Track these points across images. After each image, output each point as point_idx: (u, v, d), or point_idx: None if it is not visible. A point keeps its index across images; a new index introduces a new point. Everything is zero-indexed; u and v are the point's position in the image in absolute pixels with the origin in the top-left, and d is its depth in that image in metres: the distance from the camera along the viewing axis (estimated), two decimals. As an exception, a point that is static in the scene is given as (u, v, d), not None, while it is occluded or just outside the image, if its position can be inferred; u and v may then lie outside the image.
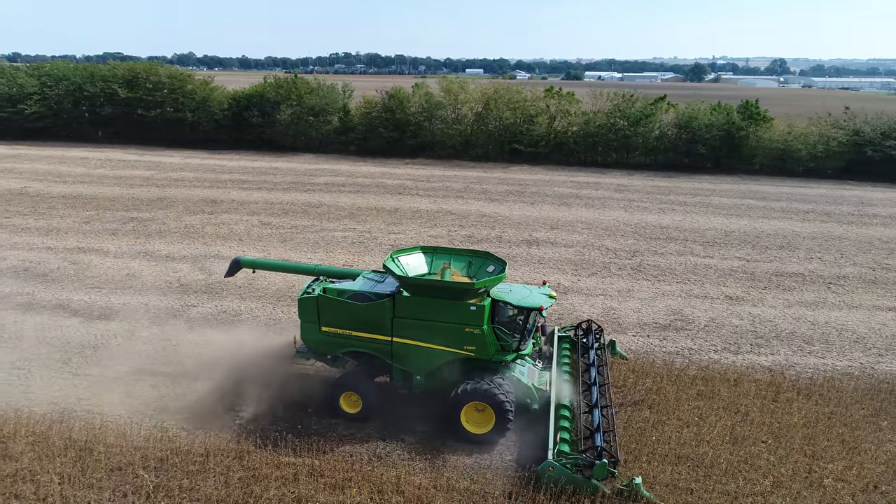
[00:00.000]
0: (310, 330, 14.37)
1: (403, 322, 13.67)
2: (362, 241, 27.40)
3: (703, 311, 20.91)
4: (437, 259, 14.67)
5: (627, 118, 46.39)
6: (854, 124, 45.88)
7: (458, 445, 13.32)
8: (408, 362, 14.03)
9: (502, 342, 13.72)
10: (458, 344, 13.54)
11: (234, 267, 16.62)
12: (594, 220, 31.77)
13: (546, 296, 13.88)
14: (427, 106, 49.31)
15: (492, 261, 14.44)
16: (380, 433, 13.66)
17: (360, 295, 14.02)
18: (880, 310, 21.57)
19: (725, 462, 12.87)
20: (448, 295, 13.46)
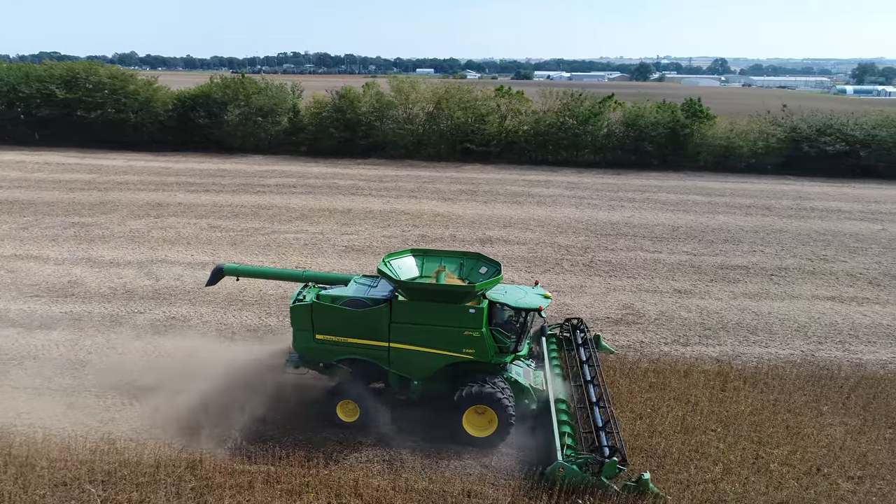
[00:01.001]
0: (303, 338, 13.90)
1: (401, 327, 13.39)
2: (315, 242, 27.07)
3: (654, 305, 21.38)
4: (428, 262, 14.47)
5: (576, 117, 47.11)
6: (791, 122, 47.66)
7: (416, 446, 13.28)
8: (405, 368, 13.80)
9: (500, 344, 13.61)
10: (457, 347, 13.35)
11: (217, 275, 15.94)
12: (546, 217, 32.15)
13: (541, 296, 13.87)
14: (378, 106, 49.07)
15: (484, 262, 14.33)
16: (372, 440, 13.44)
17: (356, 301, 13.68)
18: (819, 299, 22.46)
19: (677, 451, 13.18)
20: (447, 298, 13.30)
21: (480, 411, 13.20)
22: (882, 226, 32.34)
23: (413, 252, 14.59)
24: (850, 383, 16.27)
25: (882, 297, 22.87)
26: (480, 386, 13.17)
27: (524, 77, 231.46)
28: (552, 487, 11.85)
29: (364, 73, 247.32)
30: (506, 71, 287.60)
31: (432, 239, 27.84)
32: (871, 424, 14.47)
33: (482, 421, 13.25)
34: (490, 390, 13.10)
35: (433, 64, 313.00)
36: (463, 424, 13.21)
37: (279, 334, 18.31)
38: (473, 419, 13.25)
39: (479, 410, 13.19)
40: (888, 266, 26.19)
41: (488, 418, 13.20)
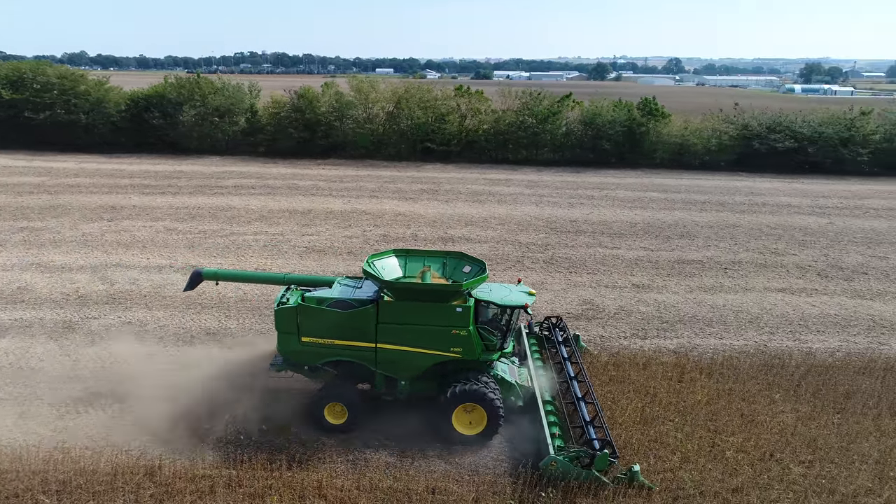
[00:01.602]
0: (288, 341, 13.69)
1: (388, 327, 13.31)
2: (275, 243, 26.77)
3: (613, 300, 21.75)
4: (411, 262, 14.42)
5: (536, 116, 47.57)
6: (743, 119, 48.99)
7: (381, 444, 13.27)
8: (392, 368, 13.74)
9: (486, 342, 13.67)
10: (445, 346, 13.33)
11: (195, 280, 15.45)
12: (507, 215, 32.40)
13: (525, 293, 13.96)
14: (338, 105, 48.71)
15: (467, 261, 14.35)
16: (336, 440, 13.34)
17: (342, 302, 13.55)
18: (771, 291, 23.16)
19: (637, 442, 13.46)
20: (434, 297, 13.30)
21: (469, 409, 13.25)
22: (829, 219, 33.49)
23: (395, 252, 14.55)
24: (800, 371, 16.83)
25: (829, 288, 23.70)
26: (469, 384, 13.22)
27: (484, 77, 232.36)
28: (516, 481, 12.00)
29: (323, 72, 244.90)
30: (465, 71, 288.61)
31: (394, 239, 27.80)
32: (820, 410, 15.00)
33: (471, 419, 13.30)
34: (479, 388, 13.16)
35: (393, 63, 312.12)
36: (452, 423, 13.24)
37: (238, 337, 18.10)
38: (462, 417, 13.29)
39: (468, 408, 13.24)
40: (835, 258, 27.14)
41: (477, 416, 13.26)
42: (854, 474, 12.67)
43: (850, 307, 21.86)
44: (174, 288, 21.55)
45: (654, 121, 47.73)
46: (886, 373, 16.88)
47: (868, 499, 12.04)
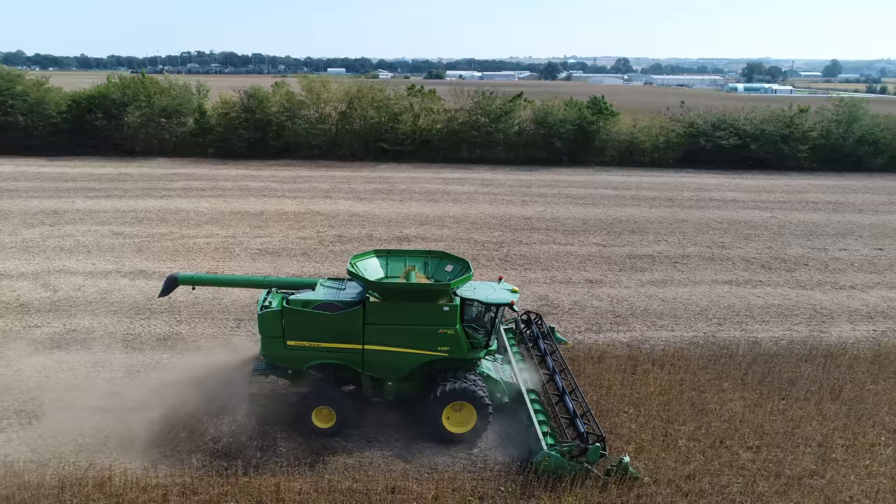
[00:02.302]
0: (273, 345, 13.42)
1: (375, 328, 13.20)
2: (227, 246, 26.27)
3: (567, 296, 22.07)
4: (392, 262, 14.32)
5: (488, 115, 47.90)
6: (689, 118, 50.33)
7: (339, 446, 13.18)
8: (380, 369, 13.62)
9: (472, 340, 13.66)
10: (432, 346, 13.31)
11: (170, 285, 14.90)
12: (462, 214, 32.53)
13: (509, 291, 14.02)
14: (289, 105, 48.12)
15: (449, 260, 14.31)
16: (294, 443, 13.15)
17: (328, 304, 13.33)
18: (718, 283, 23.86)
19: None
20: (422, 297, 13.24)
21: (457, 408, 13.25)
22: (772, 213, 34.69)
23: (377, 253, 14.49)
24: (747, 360, 17.40)
25: (773, 279, 24.55)
26: (457, 382, 13.20)
27: (436, 76, 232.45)
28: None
29: (273, 72, 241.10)
30: (418, 70, 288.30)
31: (349, 239, 27.61)
32: (766, 397, 15.54)
33: (460, 417, 13.30)
34: (467, 386, 13.16)
35: (345, 63, 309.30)
36: (442, 422, 13.21)
37: (191, 342, 17.71)
38: (451, 416, 13.28)
39: (457, 407, 13.24)
40: (778, 251, 28.14)
41: (466, 414, 13.27)
42: (799, 457, 13.17)
43: (792, 297, 22.70)
44: (122, 293, 20.95)
45: (604, 119, 48.63)
46: (827, 359, 17.59)
47: (812, 480, 12.52)
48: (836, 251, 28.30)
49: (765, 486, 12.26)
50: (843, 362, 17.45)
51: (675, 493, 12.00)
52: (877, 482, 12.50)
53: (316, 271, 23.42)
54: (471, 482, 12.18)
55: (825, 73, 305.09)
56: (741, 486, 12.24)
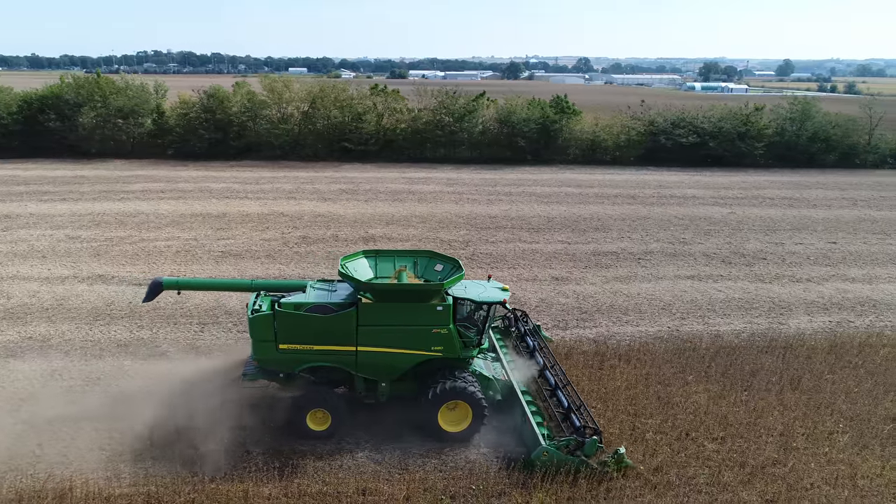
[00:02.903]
0: (265, 349, 13.20)
1: (369, 330, 13.09)
2: (189, 249, 25.76)
3: (534, 293, 22.22)
4: (381, 262, 14.24)
5: (452, 114, 47.93)
6: (649, 116, 51.16)
7: (308, 449, 13.02)
8: (373, 370, 13.53)
9: (465, 339, 13.64)
10: (426, 345, 13.28)
11: (155, 290, 14.43)
12: (427, 213, 32.49)
13: (499, 289, 14.06)
14: (250, 106, 47.42)
15: (439, 259, 14.28)
16: (262, 448, 12.89)
17: (321, 307, 13.15)
18: (680, 279, 24.30)
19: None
20: (416, 297, 13.18)
21: (452, 407, 13.26)
22: (730, 209, 35.48)
23: (365, 253, 14.42)
24: (710, 353, 17.76)
25: (733, 273, 25.11)
26: (452, 381, 13.20)
27: (399, 76, 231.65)
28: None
29: (233, 72, 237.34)
30: (381, 70, 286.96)
31: (314, 240, 27.34)
32: (729, 389, 15.88)
33: (455, 416, 13.33)
34: (462, 385, 13.18)
35: (306, 63, 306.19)
36: (438, 421, 13.20)
37: (152, 347, 17.32)
38: (446, 415, 13.28)
39: (451, 406, 13.24)
40: (737, 245, 28.79)
41: (461, 413, 13.30)
42: (762, 447, 13.48)
43: (752, 291, 23.24)
44: (79, 299, 20.38)
45: (567, 118, 49.14)
46: (786, 350, 18.07)
47: (775, 469, 12.84)
48: (792, 245, 29.09)
49: (730, 476, 12.52)
50: (801, 353, 17.94)
51: (643, 485, 12.18)
52: (836, 469, 12.87)
53: (281, 273, 23.13)
54: (442, 481, 12.17)
55: (778, 73, 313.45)
56: (707, 477, 12.47)
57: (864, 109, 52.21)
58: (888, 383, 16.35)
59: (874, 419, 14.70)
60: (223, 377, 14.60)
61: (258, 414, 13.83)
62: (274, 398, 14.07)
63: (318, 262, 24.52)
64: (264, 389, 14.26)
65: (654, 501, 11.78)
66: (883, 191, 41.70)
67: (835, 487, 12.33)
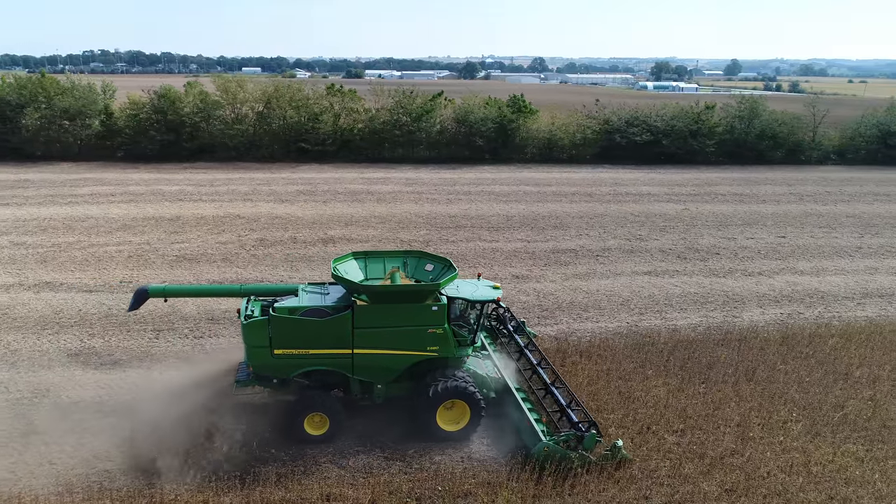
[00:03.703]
0: (259, 355, 12.94)
1: (365, 332, 13.00)
2: (141, 253, 25.05)
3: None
4: (371, 263, 14.14)
5: (410, 114, 47.76)
6: (604, 115, 51.87)
7: (270, 456, 12.77)
8: (370, 372, 13.42)
9: (459, 338, 13.63)
10: (422, 346, 13.26)
11: (140, 298, 13.88)
12: (387, 214, 32.31)
13: (491, 287, 14.15)
14: (203, 106, 46.37)
15: (428, 259, 14.26)
16: (222, 455, 12.58)
17: (316, 310, 12.97)
18: (638, 274, 24.71)
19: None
20: (412, 298, 13.11)
21: (449, 406, 13.26)
22: (684, 206, 36.25)
23: (354, 255, 14.31)
24: (668, 347, 18.09)
25: (688, 268, 25.65)
26: (450, 381, 13.18)
27: (355, 76, 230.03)
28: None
29: (184, 72, 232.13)
30: (336, 70, 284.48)
31: (272, 242, 26.90)
32: (687, 382, 16.20)
33: (451, 416, 13.36)
34: (460, 384, 13.19)
35: (260, 63, 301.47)
36: (437, 421, 13.21)
37: (105, 356, 16.77)
38: (443, 415, 13.27)
39: (448, 405, 13.23)
40: (691, 241, 29.43)
41: (458, 412, 13.35)
42: (720, 438, 13.79)
43: (706, 285, 23.78)
44: (26, 308, 19.60)
45: (524, 117, 49.49)
46: (741, 343, 18.53)
47: (733, 458, 13.14)
48: (743, 240, 29.88)
49: (690, 468, 12.76)
50: (755, 345, 18.43)
51: (606, 479, 12.31)
52: (790, 457, 13.24)
53: (239, 277, 22.68)
54: (407, 484, 12.09)
55: (726, 72, 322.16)
56: (669, 469, 12.69)
57: (808, 108, 53.99)
58: (837, 372, 16.92)
59: (825, 407, 15.18)
60: (182, 385, 14.24)
61: (219, 421, 13.49)
62: (242, 406, 13.76)
63: (277, 265, 24.13)
64: (226, 397, 13.93)
65: (618, 495, 11.92)
66: (828, 186, 43.21)
67: (790, 475, 12.68)
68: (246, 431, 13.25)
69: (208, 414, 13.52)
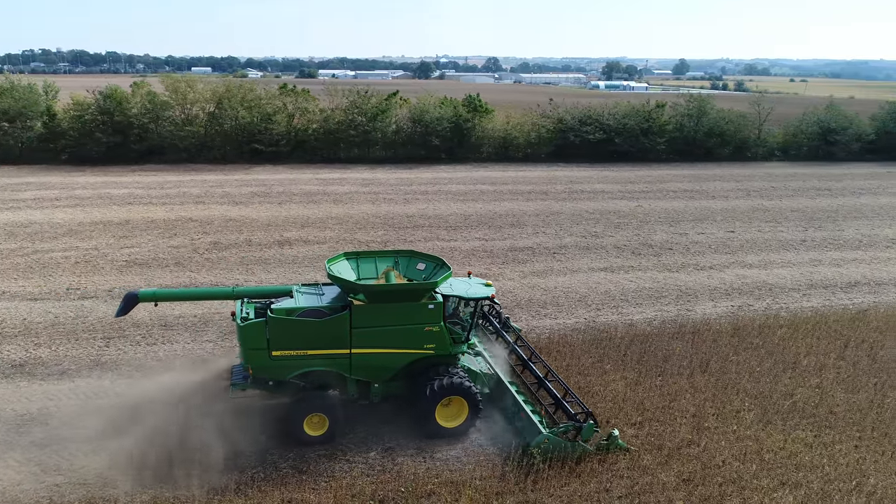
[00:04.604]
0: (257, 357, 12.75)
1: (363, 332, 13.03)
2: (89, 259, 24.24)
3: (454, 291, 22.27)
4: (363, 263, 14.12)
5: (365, 114, 47.47)
6: (557, 114, 52.52)
7: (227, 464, 12.48)
8: (367, 372, 13.48)
9: (454, 335, 13.69)
10: (419, 344, 13.38)
11: (129, 303, 13.40)
12: (344, 215, 32.03)
13: (482, 285, 14.28)
14: (151, 107, 45.19)
15: (420, 258, 14.31)
16: None
17: (313, 311, 12.86)
18: (594, 271, 25.08)
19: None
20: (409, 297, 13.24)
21: (446, 403, 13.31)
22: (637, 203, 36.97)
23: (346, 255, 14.33)
24: (625, 342, 18.40)
25: (643, 264, 26.16)
26: (448, 378, 13.24)
27: (309, 75, 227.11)
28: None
29: (131, 72, 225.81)
30: (289, 69, 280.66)
31: (226, 245, 26.37)
32: (644, 375, 16.51)
33: (449, 412, 13.48)
34: (459, 381, 13.29)
35: (210, 62, 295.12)
36: (436, 418, 13.31)
37: (52, 366, 16.17)
38: (441, 412, 13.33)
39: (445, 403, 13.29)
40: (645, 237, 30.02)
41: (455, 409, 13.47)
42: (677, 429, 14.09)
43: (660, 280, 24.29)
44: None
45: (479, 117, 49.73)
46: (694, 335, 18.98)
47: (689, 449, 13.44)
48: (695, 235, 30.64)
49: (648, 459, 13.00)
50: (708, 337, 18.89)
51: (568, 474, 12.44)
52: (744, 445, 13.62)
53: (192, 281, 22.17)
54: (370, 486, 12.00)
55: (675, 71, 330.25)
56: (628, 462, 12.89)
57: (753, 106, 55.73)
58: (786, 361, 17.49)
59: (775, 395, 15.67)
60: (123, 394, 13.95)
61: (173, 430, 13.15)
62: (202, 412, 13.43)
63: (232, 269, 23.66)
64: (177, 404, 13.58)
65: (580, 489, 12.06)
66: (773, 181, 44.67)
67: (744, 462, 13.04)
68: (204, 438, 12.91)
69: (160, 422, 13.17)
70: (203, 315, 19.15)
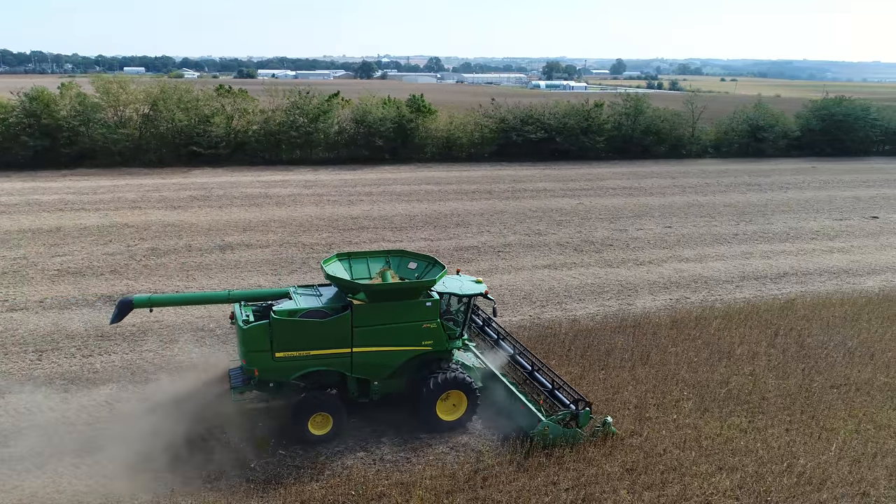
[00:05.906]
0: (260, 359, 12.88)
1: (363, 331, 13.24)
2: (17, 269, 23.20)
3: (400, 292, 22.30)
4: (355, 264, 14.27)
5: (306, 115, 46.94)
6: (500, 114, 53.12)
7: (170, 475, 12.20)
8: (367, 370, 13.66)
9: (449, 332, 14.08)
10: (417, 341, 13.65)
11: (124, 309, 13.09)
12: (287, 217, 31.60)
13: (473, 282, 14.62)
14: (81, 109, 43.49)
15: (411, 257, 14.54)
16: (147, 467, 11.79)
17: (315, 311, 12.90)
18: (538, 268, 25.51)
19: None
20: (408, 295, 13.50)
21: (444, 397, 13.70)
22: (579, 200, 37.76)
23: (339, 256, 14.51)
24: (569, 337, 18.80)
25: (585, 260, 26.76)
26: (447, 373, 13.66)
27: (247, 76, 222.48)
28: None
29: (59, 72, 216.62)
30: (227, 69, 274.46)
31: (165, 251, 25.66)
32: (588, 369, 16.91)
33: (447, 406, 13.81)
34: (458, 375, 13.60)
35: (143, 62, 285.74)
36: (437, 412, 13.64)
37: (12, 377, 15.46)
38: (439, 406, 13.72)
39: (444, 397, 13.68)
40: (587, 234, 30.71)
41: (452, 402, 13.83)
42: (620, 421, 14.47)
43: (602, 276, 24.90)
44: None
45: (423, 117, 49.84)
46: (635, 329, 19.56)
47: (633, 439, 13.85)
48: (634, 231, 31.52)
49: (593, 451, 13.32)
50: (648, 330, 19.50)
51: (516, 470, 12.65)
52: (683, 433, 14.12)
53: (130, 289, 21.48)
54: (320, 491, 11.91)
55: (612, 71, 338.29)
56: (574, 454, 13.18)
57: (686, 105, 57.70)
58: (721, 351, 18.21)
59: (712, 384, 16.30)
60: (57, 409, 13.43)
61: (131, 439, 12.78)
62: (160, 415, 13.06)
63: (171, 275, 23.05)
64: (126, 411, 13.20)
65: (528, 483, 12.28)
66: (707, 178, 46.34)
67: (683, 450, 13.52)
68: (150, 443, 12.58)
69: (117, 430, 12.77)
70: (141, 325, 18.61)
